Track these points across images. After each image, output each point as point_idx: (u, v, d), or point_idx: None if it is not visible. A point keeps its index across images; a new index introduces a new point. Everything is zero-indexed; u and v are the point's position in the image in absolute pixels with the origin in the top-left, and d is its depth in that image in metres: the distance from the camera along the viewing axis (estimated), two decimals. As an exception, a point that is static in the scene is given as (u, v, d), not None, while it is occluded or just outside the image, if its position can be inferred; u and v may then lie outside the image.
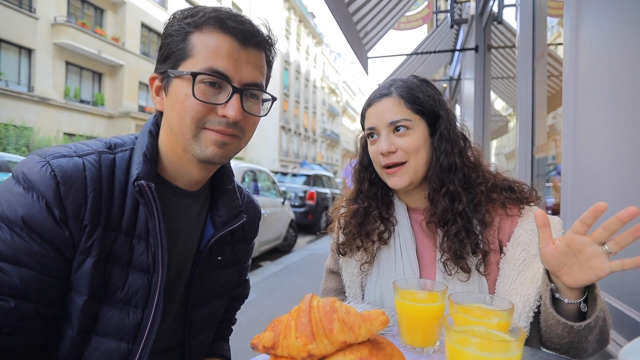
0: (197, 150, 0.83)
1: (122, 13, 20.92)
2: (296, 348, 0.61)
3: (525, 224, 0.99)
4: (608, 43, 1.33)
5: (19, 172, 0.75)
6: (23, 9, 16.71)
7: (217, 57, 0.80)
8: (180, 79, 0.81)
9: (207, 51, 0.80)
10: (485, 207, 1.02)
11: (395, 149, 1.03)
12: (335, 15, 3.59)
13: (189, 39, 0.81)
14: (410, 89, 1.06)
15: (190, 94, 0.79)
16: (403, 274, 1.07)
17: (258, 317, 3.93)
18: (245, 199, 1.12)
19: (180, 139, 0.83)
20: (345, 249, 1.16)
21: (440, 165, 1.03)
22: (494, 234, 1.02)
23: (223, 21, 0.80)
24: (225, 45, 0.80)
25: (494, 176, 1.08)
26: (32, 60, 17.24)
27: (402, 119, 1.03)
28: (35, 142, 15.54)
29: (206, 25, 0.80)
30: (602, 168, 1.35)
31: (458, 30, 7.49)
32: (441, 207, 1.02)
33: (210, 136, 0.82)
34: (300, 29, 42.06)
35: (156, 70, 0.86)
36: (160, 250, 0.83)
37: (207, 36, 0.80)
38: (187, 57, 0.80)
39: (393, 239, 1.12)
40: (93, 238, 0.77)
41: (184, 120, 0.81)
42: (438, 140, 1.05)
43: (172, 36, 0.82)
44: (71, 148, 0.81)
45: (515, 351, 0.59)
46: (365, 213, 1.14)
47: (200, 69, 0.79)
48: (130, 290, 0.82)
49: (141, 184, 0.79)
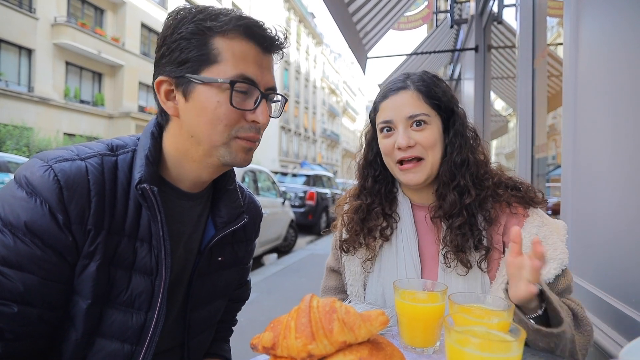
0: (226, 156, 0.84)
1: (122, 13, 20.91)
2: (296, 348, 0.61)
3: (531, 227, 0.98)
4: (608, 43, 1.33)
5: (21, 176, 0.74)
6: (23, 9, 16.71)
7: (246, 63, 0.80)
8: (208, 86, 0.79)
9: (235, 58, 0.79)
10: (491, 203, 1.02)
11: (414, 143, 1.02)
12: (335, 16, 3.58)
13: (211, 44, 0.79)
14: (427, 83, 1.05)
15: (223, 102, 0.79)
16: (405, 270, 1.07)
17: (258, 317, 3.93)
18: (247, 199, 1.11)
19: (206, 145, 0.82)
20: (348, 246, 1.15)
21: (453, 161, 1.03)
22: (499, 233, 1.02)
23: (250, 28, 0.80)
24: (252, 52, 0.81)
25: (499, 173, 1.08)
26: (32, 60, 17.24)
27: (421, 113, 1.02)
28: (35, 143, 15.54)
29: (232, 31, 0.79)
30: (602, 168, 1.35)
31: (458, 30, 7.49)
32: (449, 200, 1.02)
33: (241, 144, 0.84)
34: (300, 29, 42.06)
35: (166, 74, 0.81)
36: (164, 254, 0.83)
37: (232, 42, 0.79)
38: (212, 62, 0.79)
39: (395, 235, 1.12)
40: (97, 242, 0.76)
41: (216, 128, 0.80)
42: (453, 136, 1.04)
43: (187, 39, 0.79)
44: (73, 151, 0.80)
45: (515, 351, 0.59)
46: (368, 209, 1.13)
47: (232, 76, 0.79)
48: (133, 293, 0.82)
49: (144, 187, 0.78)
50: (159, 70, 0.83)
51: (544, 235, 0.97)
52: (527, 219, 1.00)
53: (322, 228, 11.13)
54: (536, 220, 0.99)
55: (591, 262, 1.40)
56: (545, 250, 0.94)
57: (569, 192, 1.58)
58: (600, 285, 1.34)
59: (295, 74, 41.03)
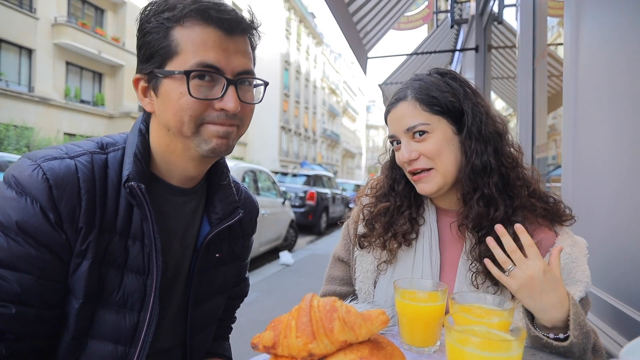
0: (201, 145, 0.81)
1: (122, 13, 20.92)
2: (297, 347, 0.61)
3: (565, 247, 0.93)
4: (608, 43, 1.33)
5: (9, 176, 0.73)
6: (23, 9, 16.70)
7: (205, 50, 0.77)
8: (171, 79, 0.78)
9: (193, 46, 0.77)
10: (523, 213, 0.95)
11: (417, 155, 0.98)
12: (336, 16, 3.59)
13: (171, 35, 0.77)
14: (426, 88, 0.99)
15: (185, 93, 0.76)
16: (421, 276, 1.02)
17: (258, 317, 3.93)
18: (242, 195, 1.10)
19: (180, 137, 0.82)
20: (365, 243, 1.11)
21: (472, 167, 0.96)
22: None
23: (205, 12, 0.77)
24: (212, 37, 0.77)
25: (537, 181, 1.01)
26: (33, 60, 17.24)
27: (419, 123, 0.97)
28: (35, 142, 15.54)
29: (188, 18, 0.77)
30: (602, 168, 1.35)
31: (458, 30, 7.49)
32: (475, 212, 0.95)
33: (211, 129, 0.80)
34: (300, 29, 42.04)
35: (140, 71, 0.82)
36: (155, 252, 0.82)
37: (190, 30, 0.77)
38: (173, 54, 0.77)
39: (416, 239, 1.07)
40: (88, 240, 0.76)
41: (182, 119, 0.78)
42: (467, 138, 0.97)
43: (151, 34, 0.78)
44: (62, 150, 0.79)
45: (515, 351, 0.59)
46: (397, 212, 1.09)
47: (191, 66, 0.76)
48: (126, 293, 0.81)
49: (132, 185, 0.77)
50: (137, 68, 0.83)
51: (575, 257, 0.93)
52: (559, 237, 0.96)
53: (322, 228, 11.14)
54: (567, 240, 0.95)
55: (591, 262, 1.39)
56: (574, 271, 0.93)
57: (569, 192, 1.58)
58: (600, 285, 1.34)
59: (296, 74, 41.01)
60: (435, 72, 1.06)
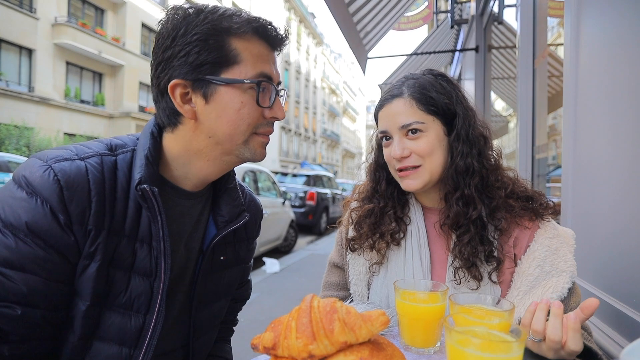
0: (246, 153, 0.86)
1: (122, 13, 20.91)
2: (297, 348, 0.61)
3: (542, 239, 0.96)
4: (608, 43, 1.33)
5: (20, 176, 0.73)
6: (23, 9, 16.72)
7: (263, 62, 0.83)
8: (231, 87, 0.80)
9: (253, 57, 0.82)
10: (502, 214, 0.98)
11: (409, 153, 0.99)
12: (336, 16, 3.59)
13: (227, 45, 0.80)
14: (423, 87, 1.01)
15: (247, 102, 0.81)
16: (413, 275, 1.04)
17: (258, 317, 3.93)
18: (247, 198, 1.10)
19: (227, 144, 0.84)
20: (355, 246, 1.13)
21: (456, 167, 0.99)
22: (509, 244, 0.99)
23: (264, 28, 0.83)
24: (265, 51, 0.85)
25: (513, 182, 1.03)
26: (33, 60, 17.25)
27: (415, 121, 0.98)
28: (35, 142, 15.55)
29: (248, 32, 0.81)
30: (602, 168, 1.35)
31: (458, 30, 7.49)
32: (454, 211, 0.98)
33: (259, 140, 0.86)
34: (300, 30, 42.06)
35: (181, 76, 0.79)
36: (163, 255, 0.82)
37: (248, 42, 0.82)
38: (231, 63, 0.80)
39: (405, 239, 1.09)
40: (97, 242, 0.76)
41: (239, 128, 0.82)
42: (455, 140, 1.00)
43: (203, 41, 0.78)
44: (72, 150, 0.79)
45: (516, 352, 0.59)
46: (381, 213, 1.11)
47: (253, 76, 0.81)
48: (132, 295, 0.81)
49: (144, 188, 0.77)
50: (170, 71, 0.80)
51: (555, 248, 0.95)
52: (538, 231, 0.98)
53: (322, 228, 11.14)
54: (548, 232, 0.97)
55: (591, 262, 1.40)
56: (557, 262, 0.93)
57: (569, 192, 1.58)
58: (600, 286, 1.34)
59: (296, 74, 41.03)
60: (429, 72, 1.07)
